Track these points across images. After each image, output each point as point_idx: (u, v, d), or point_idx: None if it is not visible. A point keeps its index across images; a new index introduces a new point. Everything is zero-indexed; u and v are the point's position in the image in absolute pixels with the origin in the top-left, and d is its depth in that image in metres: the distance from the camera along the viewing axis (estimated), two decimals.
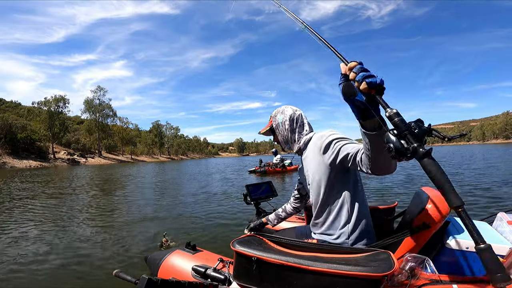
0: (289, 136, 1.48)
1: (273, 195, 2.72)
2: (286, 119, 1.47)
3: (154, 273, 1.71)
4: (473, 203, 4.71)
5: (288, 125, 1.47)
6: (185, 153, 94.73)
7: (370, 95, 0.73)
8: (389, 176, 9.20)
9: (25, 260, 2.77)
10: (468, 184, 7.03)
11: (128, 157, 61.67)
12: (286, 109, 1.51)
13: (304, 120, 1.50)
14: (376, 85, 0.71)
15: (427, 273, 1.06)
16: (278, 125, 1.50)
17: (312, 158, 1.35)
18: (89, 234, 3.63)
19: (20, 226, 4.17)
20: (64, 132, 48.96)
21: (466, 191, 6.00)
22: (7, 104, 71.99)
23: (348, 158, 1.13)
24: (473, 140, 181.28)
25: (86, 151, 52.64)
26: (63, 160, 42.99)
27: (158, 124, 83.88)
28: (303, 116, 1.51)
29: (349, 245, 1.29)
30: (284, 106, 1.54)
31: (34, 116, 47.26)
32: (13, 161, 35.71)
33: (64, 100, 49.27)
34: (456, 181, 7.63)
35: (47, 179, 13.83)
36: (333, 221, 1.31)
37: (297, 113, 1.49)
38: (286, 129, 1.48)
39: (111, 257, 2.78)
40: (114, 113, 61.16)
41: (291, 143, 1.49)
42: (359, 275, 0.95)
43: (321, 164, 1.28)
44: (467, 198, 5.22)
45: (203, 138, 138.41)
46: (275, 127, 1.53)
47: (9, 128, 40.02)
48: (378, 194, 6.11)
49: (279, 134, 1.51)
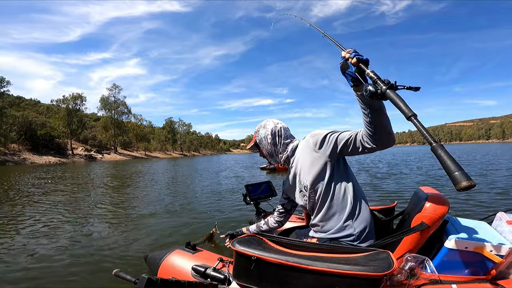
0: (272, 149, 1.49)
1: (273, 195, 2.70)
2: (268, 133, 1.48)
3: (154, 273, 1.71)
4: (473, 202, 4.63)
5: (271, 139, 1.48)
6: (197, 149, 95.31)
7: (359, 66, 1.00)
8: (390, 176, 9.07)
9: (22, 258, 2.74)
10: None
11: (142, 153, 62.50)
12: (268, 123, 1.52)
13: (286, 132, 1.50)
14: (362, 59, 0.99)
15: (426, 273, 1.06)
16: (261, 140, 1.52)
17: (305, 159, 1.36)
18: (89, 232, 3.60)
19: (21, 222, 4.18)
20: (82, 129, 49.83)
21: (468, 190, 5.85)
22: (26, 102, 73.92)
23: (348, 143, 1.21)
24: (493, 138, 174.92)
25: (102, 147, 53.72)
26: (80, 156, 43.98)
27: (171, 121, 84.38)
28: (284, 129, 1.51)
29: (356, 237, 1.27)
30: (265, 120, 1.55)
31: (53, 113, 48.15)
32: (33, 157, 36.79)
33: (81, 97, 50.13)
34: None
35: (60, 175, 13.96)
36: (337, 213, 1.29)
37: (278, 126, 1.50)
38: (269, 143, 1.49)
39: (110, 256, 2.75)
40: (128, 110, 62.13)
41: (275, 156, 1.50)
42: (359, 274, 0.95)
43: (318, 159, 1.29)
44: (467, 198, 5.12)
45: (214, 135, 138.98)
46: (258, 142, 1.55)
47: (29, 125, 41.10)
48: (378, 194, 6.02)
49: (263, 149, 1.53)
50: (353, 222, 1.27)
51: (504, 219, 1.27)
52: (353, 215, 1.28)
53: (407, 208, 1.49)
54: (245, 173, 13.58)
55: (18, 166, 28.40)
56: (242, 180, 10.38)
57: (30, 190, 8.15)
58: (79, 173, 15.25)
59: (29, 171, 18.22)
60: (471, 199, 4.92)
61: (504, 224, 1.24)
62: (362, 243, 1.27)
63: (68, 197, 6.69)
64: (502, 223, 1.27)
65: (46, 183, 9.98)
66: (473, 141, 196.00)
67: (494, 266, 1.11)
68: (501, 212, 1.37)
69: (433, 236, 1.23)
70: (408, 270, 1.04)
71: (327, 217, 1.32)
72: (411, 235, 1.20)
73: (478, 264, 1.12)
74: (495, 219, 1.37)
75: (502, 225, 1.25)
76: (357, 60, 0.99)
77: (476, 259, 1.11)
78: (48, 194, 7.16)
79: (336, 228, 1.29)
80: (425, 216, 1.16)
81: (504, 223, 1.24)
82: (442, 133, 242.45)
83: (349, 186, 1.30)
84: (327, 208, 1.31)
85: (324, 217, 1.32)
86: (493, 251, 1.09)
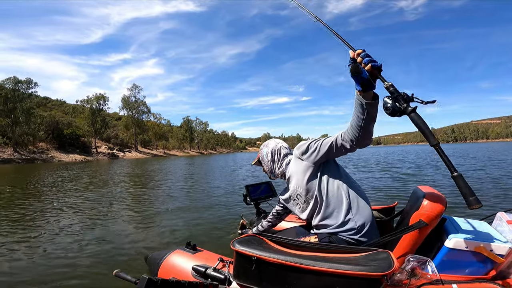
0: (271, 166, 1.64)
1: (273, 195, 2.69)
2: (268, 152, 1.64)
3: (154, 273, 1.72)
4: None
5: (270, 157, 1.63)
6: (214, 147, 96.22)
7: (373, 73, 1.03)
8: (390, 176, 8.88)
9: (22, 256, 2.73)
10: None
11: (161, 151, 63.70)
12: (270, 142, 1.69)
13: (283, 151, 1.62)
14: (377, 67, 1.02)
15: (427, 272, 1.05)
16: (263, 157, 1.68)
17: (295, 169, 1.45)
18: (89, 232, 3.55)
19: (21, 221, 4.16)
20: (105, 128, 51.20)
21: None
22: (53, 103, 76.42)
23: (333, 146, 1.28)
24: None
25: (124, 146, 55.35)
26: (104, 154, 45.16)
27: (188, 120, 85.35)
28: (284, 148, 1.64)
29: (356, 230, 1.30)
30: (269, 140, 1.72)
31: (78, 113, 49.79)
32: (60, 155, 38.18)
33: (104, 98, 51.55)
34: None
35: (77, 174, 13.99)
36: (335, 210, 1.34)
37: (278, 145, 1.65)
38: (268, 160, 1.64)
39: (110, 256, 2.71)
40: (148, 110, 63.40)
41: (274, 171, 1.64)
42: (359, 274, 0.95)
43: (306, 166, 1.38)
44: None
45: (231, 133, 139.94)
46: (261, 159, 1.71)
47: (56, 125, 42.75)
48: (379, 194, 5.90)
49: (264, 165, 1.69)
50: (353, 216, 1.31)
51: (504, 219, 1.26)
52: (351, 210, 1.32)
53: (406, 207, 1.48)
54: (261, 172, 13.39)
55: (46, 163, 29.37)
56: (257, 179, 10.27)
57: (42, 188, 8.18)
58: (99, 172, 15.42)
59: (51, 168, 18.55)
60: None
61: (504, 223, 1.23)
62: (364, 237, 1.30)
63: (75, 197, 6.59)
64: (502, 222, 1.26)
65: (60, 182, 9.98)
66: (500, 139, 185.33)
67: (495, 266, 1.10)
68: (501, 211, 1.36)
69: (433, 236, 1.23)
70: (409, 270, 1.03)
71: (327, 215, 1.35)
72: (409, 233, 1.19)
73: (479, 264, 1.11)
74: (495, 219, 1.36)
75: (502, 225, 1.24)
76: (371, 67, 1.01)
77: (477, 259, 1.10)
78: (58, 194, 7.10)
79: (337, 224, 1.32)
80: (423, 214, 1.16)
81: (504, 223, 1.23)
82: (468, 131, 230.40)
83: (342, 183, 1.36)
84: (325, 207, 1.34)
85: (324, 215, 1.36)
86: (494, 250, 1.08)
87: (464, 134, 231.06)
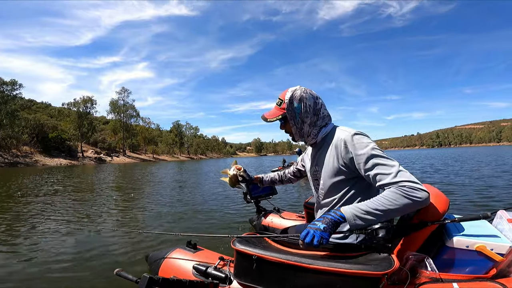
0: (307, 129, 1.25)
1: (273, 193, 2.69)
2: (308, 109, 1.23)
3: (155, 272, 1.72)
4: (472, 202, 4.59)
5: (310, 117, 1.23)
6: (204, 152, 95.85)
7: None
8: None
9: (22, 258, 2.73)
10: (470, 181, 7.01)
11: (150, 156, 62.99)
12: (305, 95, 1.23)
13: (325, 111, 1.27)
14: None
15: (427, 271, 1.05)
16: (295, 115, 1.24)
17: (328, 159, 1.21)
18: (90, 232, 3.59)
19: (21, 222, 4.18)
20: (92, 132, 50.39)
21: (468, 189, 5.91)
22: (38, 105, 74.90)
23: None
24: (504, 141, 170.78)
25: (112, 150, 54.50)
26: (90, 159, 44.57)
27: (178, 124, 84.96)
28: (324, 105, 1.28)
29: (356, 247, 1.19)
30: (299, 89, 1.24)
31: (64, 116, 49.03)
32: (44, 159, 37.38)
33: (91, 101, 50.85)
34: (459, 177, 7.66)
35: (68, 177, 14.02)
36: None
37: (319, 101, 1.25)
38: (304, 121, 1.24)
39: (111, 255, 2.74)
40: (137, 114, 62.75)
41: (308, 130, 1.26)
42: (359, 273, 0.96)
43: (341, 166, 1.16)
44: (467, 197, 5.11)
45: (221, 138, 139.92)
46: (289, 117, 1.25)
47: (41, 128, 41.95)
48: None
49: (294, 126, 1.26)
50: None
51: (504, 217, 1.25)
52: None
53: None
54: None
55: (30, 167, 28.76)
56: None
57: (35, 191, 8.18)
58: (88, 176, 15.31)
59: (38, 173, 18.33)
60: (472, 198, 4.89)
61: (505, 222, 1.23)
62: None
63: (71, 198, 6.68)
64: (502, 221, 1.25)
65: (52, 185, 10.00)
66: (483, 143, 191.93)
67: (495, 265, 1.10)
68: (501, 210, 1.35)
69: (434, 235, 1.22)
70: (408, 269, 1.04)
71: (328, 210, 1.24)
72: (411, 233, 1.19)
73: (479, 263, 1.11)
74: (495, 217, 1.35)
75: (503, 223, 1.24)
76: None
77: (477, 258, 1.10)
78: (51, 195, 7.15)
79: (341, 235, 1.19)
80: (425, 214, 1.17)
81: (505, 221, 1.23)
82: (452, 136, 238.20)
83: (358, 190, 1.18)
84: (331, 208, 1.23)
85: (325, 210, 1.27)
86: (494, 249, 1.08)
87: (449, 139, 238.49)
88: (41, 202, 6.08)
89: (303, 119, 1.24)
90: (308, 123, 1.24)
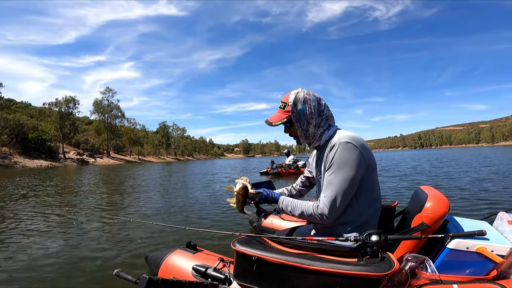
0: (312, 131, 1.25)
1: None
2: (312, 111, 1.23)
3: (155, 273, 1.70)
4: (473, 202, 4.65)
5: (315, 118, 1.23)
6: (191, 154, 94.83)
7: None
8: (391, 175, 9.20)
9: (22, 259, 2.70)
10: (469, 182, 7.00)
11: (136, 158, 61.87)
12: (308, 96, 1.24)
13: (329, 112, 1.27)
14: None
15: (427, 273, 1.06)
16: (300, 117, 1.24)
17: (325, 161, 1.21)
18: (89, 233, 3.57)
19: (20, 224, 4.10)
20: (74, 133, 49.18)
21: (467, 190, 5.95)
22: (17, 105, 72.33)
23: None
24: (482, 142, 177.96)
25: (95, 151, 53.17)
26: (72, 160, 43.41)
27: (165, 125, 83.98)
28: (327, 105, 1.27)
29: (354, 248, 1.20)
30: (301, 92, 1.25)
31: (45, 116, 47.75)
32: (24, 160, 36.16)
33: (74, 101, 49.58)
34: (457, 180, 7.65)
35: (54, 178, 13.77)
36: (341, 225, 1.21)
37: (322, 102, 1.26)
38: (309, 123, 1.24)
39: (111, 256, 2.72)
40: (122, 114, 61.52)
41: (313, 131, 1.25)
42: (359, 274, 0.96)
43: None
44: (467, 197, 5.18)
45: (209, 139, 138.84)
46: (295, 120, 1.25)
47: (21, 128, 40.61)
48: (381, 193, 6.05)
49: (300, 128, 1.26)
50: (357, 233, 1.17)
51: (505, 219, 1.27)
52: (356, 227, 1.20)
53: (407, 208, 1.49)
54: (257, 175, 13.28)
55: (9, 169, 27.85)
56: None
57: (24, 192, 8.03)
58: (73, 177, 15.00)
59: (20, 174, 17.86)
60: (472, 199, 4.93)
61: (505, 224, 1.24)
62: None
63: (63, 200, 6.60)
64: (503, 223, 1.27)
65: (40, 186, 9.84)
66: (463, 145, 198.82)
67: (495, 266, 1.11)
68: (502, 211, 1.37)
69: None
70: (408, 270, 1.04)
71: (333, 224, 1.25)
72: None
73: (479, 264, 1.11)
74: (496, 219, 1.36)
75: (503, 225, 1.25)
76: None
77: (477, 259, 1.11)
78: (43, 197, 7.06)
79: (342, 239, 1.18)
80: (426, 216, 1.17)
81: (505, 223, 1.24)
82: (433, 137, 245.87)
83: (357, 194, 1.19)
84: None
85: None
86: (494, 251, 1.08)
87: (430, 140, 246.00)
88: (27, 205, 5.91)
89: (309, 120, 1.24)
90: (313, 125, 1.25)
